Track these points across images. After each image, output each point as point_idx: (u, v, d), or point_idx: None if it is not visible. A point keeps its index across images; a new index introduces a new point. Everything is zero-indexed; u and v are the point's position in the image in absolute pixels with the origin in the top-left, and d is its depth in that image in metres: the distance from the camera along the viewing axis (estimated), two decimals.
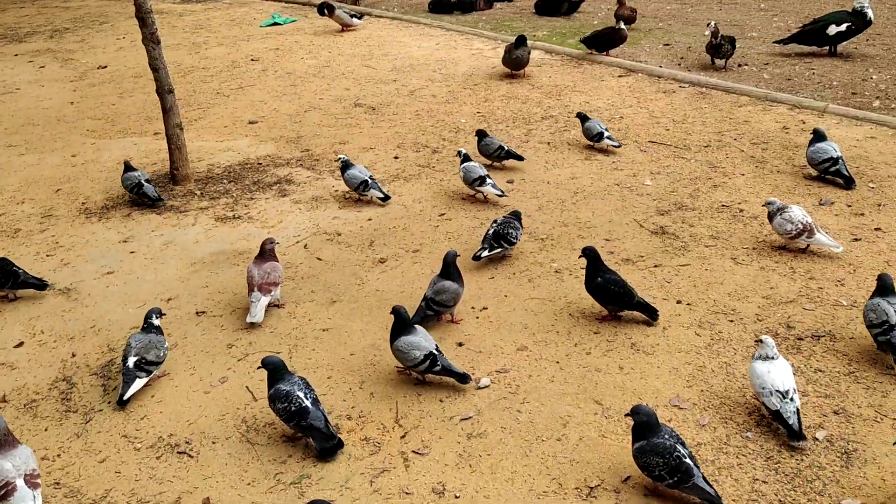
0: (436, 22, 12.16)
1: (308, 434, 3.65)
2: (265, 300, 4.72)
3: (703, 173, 6.41)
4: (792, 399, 3.55)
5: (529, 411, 3.88)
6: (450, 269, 4.51)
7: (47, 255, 5.70)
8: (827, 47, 9.19)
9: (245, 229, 5.94)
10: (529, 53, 9.09)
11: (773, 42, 9.62)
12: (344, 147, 7.43)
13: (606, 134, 6.89)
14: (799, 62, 9.06)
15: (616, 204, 6.00)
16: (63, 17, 13.90)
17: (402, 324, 4.06)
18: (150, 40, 6.32)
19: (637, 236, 5.51)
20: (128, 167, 6.40)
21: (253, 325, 4.67)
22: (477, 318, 4.68)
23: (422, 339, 4.02)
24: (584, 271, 5.02)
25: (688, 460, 3.25)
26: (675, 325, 4.47)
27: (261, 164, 7.17)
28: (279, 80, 9.68)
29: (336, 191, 6.50)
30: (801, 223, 4.94)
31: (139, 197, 6.33)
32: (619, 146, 6.98)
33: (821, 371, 4.02)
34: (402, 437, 3.76)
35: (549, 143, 7.25)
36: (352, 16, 11.99)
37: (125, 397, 4.05)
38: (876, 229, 5.33)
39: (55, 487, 3.59)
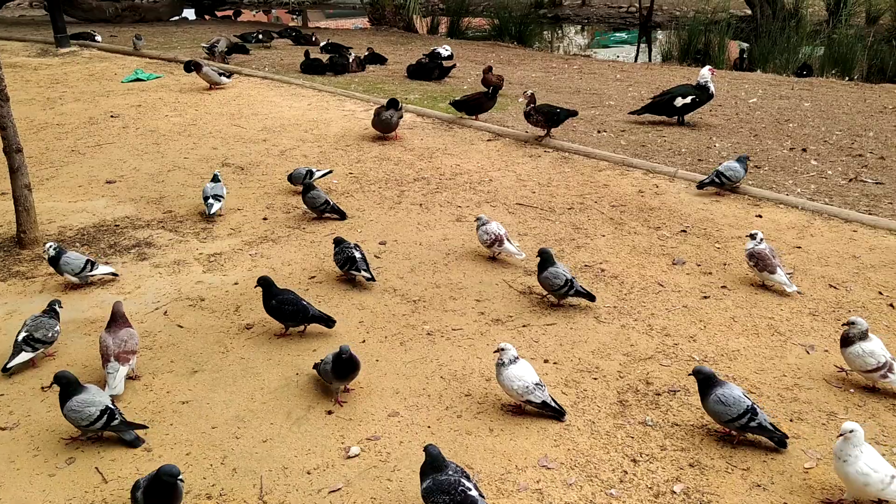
0: (307, 82, 12.20)
1: None
2: (124, 370, 4.46)
3: (568, 234, 6.67)
4: (543, 384, 4.22)
5: (400, 479, 3.81)
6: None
7: None
8: (676, 117, 9.90)
9: (98, 296, 5.61)
10: (400, 117, 9.25)
11: (629, 113, 10.26)
12: None
13: (316, 171, 7.56)
14: (651, 130, 9.70)
15: (486, 265, 6.12)
16: None
17: (70, 387, 3.99)
18: None
19: (506, 296, 5.63)
20: None
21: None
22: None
23: (95, 396, 3.99)
24: (454, 332, 5.11)
25: (473, 492, 3.37)
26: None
27: (118, 226, 6.84)
28: (141, 137, 9.35)
29: (200, 254, 6.28)
30: (495, 234, 6.00)
31: None
32: (330, 172, 7.74)
33: (677, 425, 4.19)
34: None
35: (421, 204, 7.34)
36: (220, 74, 11.83)
37: (8, 366, 4.57)
38: (722, 287, 5.70)
39: None
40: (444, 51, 14.39)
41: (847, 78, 13.66)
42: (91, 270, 5.66)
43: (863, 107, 10.82)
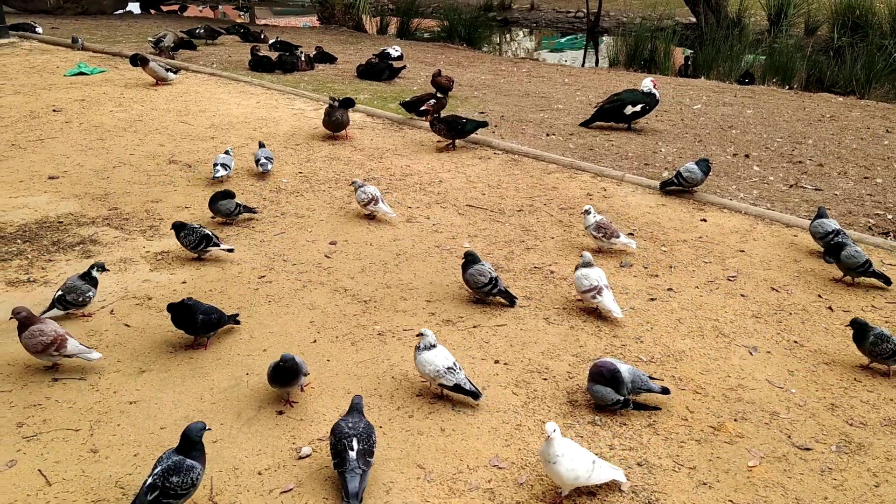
0: (256, 80, 12.04)
1: None
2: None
3: (517, 236, 6.73)
4: (460, 369, 4.39)
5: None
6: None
7: None
8: (624, 123, 10.07)
9: (41, 294, 5.44)
10: (347, 115, 9.20)
11: (580, 125, 10.24)
12: (157, 205, 7.09)
13: (261, 160, 7.88)
14: (599, 134, 9.85)
15: (437, 266, 6.14)
16: None
17: None
18: None
19: (457, 297, 5.65)
20: None
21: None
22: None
23: None
24: (405, 332, 5.12)
25: (350, 453, 3.61)
26: (494, 384, 4.60)
27: (62, 222, 6.65)
28: (85, 133, 9.11)
29: (147, 252, 6.15)
30: (371, 194, 6.80)
31: None
32: (267, 171, 7.91)
33: (625, 425, 4.27)
34: None
35: None
36: (167, 69, 11.60)
37: (42, 315, 4.83)
38: (668, 289, 5.83)
39: None
40: (394, 51, 14.38)
41: (787, 86, 14.11)
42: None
43: (802, 115, 11.19)
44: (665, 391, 4.41)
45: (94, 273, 5.16)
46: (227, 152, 7.86)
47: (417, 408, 4.37)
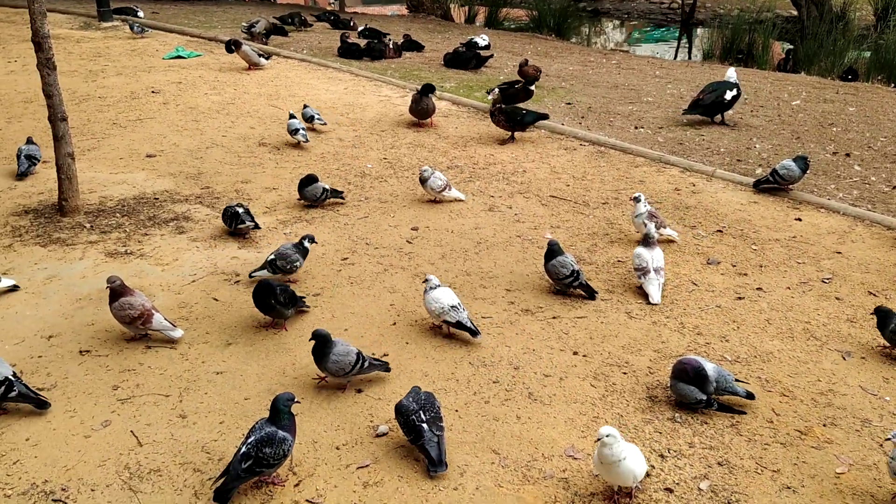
0: (345, 67, 12.22)
1: None
2: None
3: (601, 229, 6.63)
4: (463, 309, 4.80)
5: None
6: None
7: None
8: (716, 115, 9.73)
9: (137, 266, 5.70)
10: (433, 103, 9.23)
11: (682, 113, 9.87)
12: (247, 186, 7.30)
13: (317, 117, 8.86)
14: (690, 128, 9.59)
15: (517, 255, 6.12)
16: None
17: None
18: (46, 66, 6.07)
19: (537, 287, 5.62)
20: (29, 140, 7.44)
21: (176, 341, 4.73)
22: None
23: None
24: (484, 319, 5.12)
25: (424, 425, 3.76)
26: (572, 375, 4.55)
27: (157, 199, 6.93)
28: (180, 114, 9.45)
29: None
30: (445, 181, 6.98)
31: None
32: (325, 123, 8.96)
33: (706, 423, 4.16)
34: (296, 485, 3.65)
35: None
36: (259, 54, 11.90)
37: (252, 274, 5.46)
38: (757, 289, 5.64)
39: None
40: (482, 40, 14.33)
41: (893, 84, 13.39)
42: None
43: None
44: (750, 396, 4.28)
45: (306, 244, 5.49)
46: (291, 115, 8.40)
47: (493, 394, 4.37)
